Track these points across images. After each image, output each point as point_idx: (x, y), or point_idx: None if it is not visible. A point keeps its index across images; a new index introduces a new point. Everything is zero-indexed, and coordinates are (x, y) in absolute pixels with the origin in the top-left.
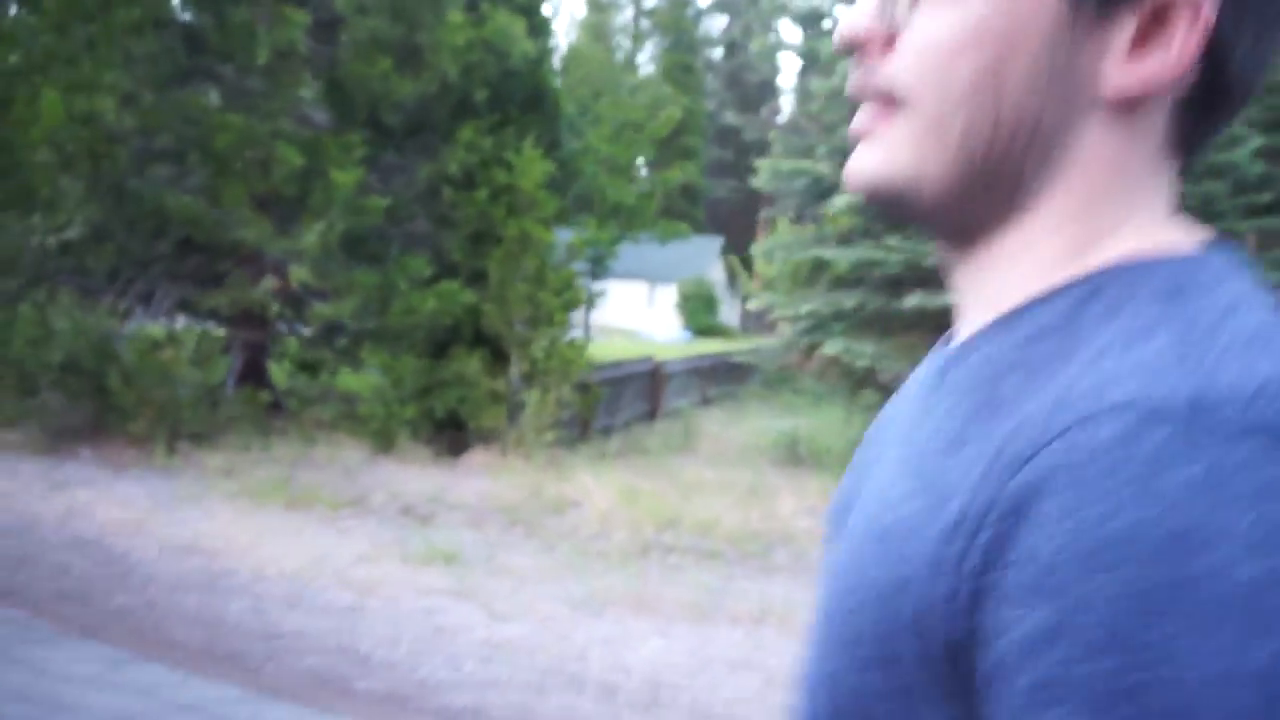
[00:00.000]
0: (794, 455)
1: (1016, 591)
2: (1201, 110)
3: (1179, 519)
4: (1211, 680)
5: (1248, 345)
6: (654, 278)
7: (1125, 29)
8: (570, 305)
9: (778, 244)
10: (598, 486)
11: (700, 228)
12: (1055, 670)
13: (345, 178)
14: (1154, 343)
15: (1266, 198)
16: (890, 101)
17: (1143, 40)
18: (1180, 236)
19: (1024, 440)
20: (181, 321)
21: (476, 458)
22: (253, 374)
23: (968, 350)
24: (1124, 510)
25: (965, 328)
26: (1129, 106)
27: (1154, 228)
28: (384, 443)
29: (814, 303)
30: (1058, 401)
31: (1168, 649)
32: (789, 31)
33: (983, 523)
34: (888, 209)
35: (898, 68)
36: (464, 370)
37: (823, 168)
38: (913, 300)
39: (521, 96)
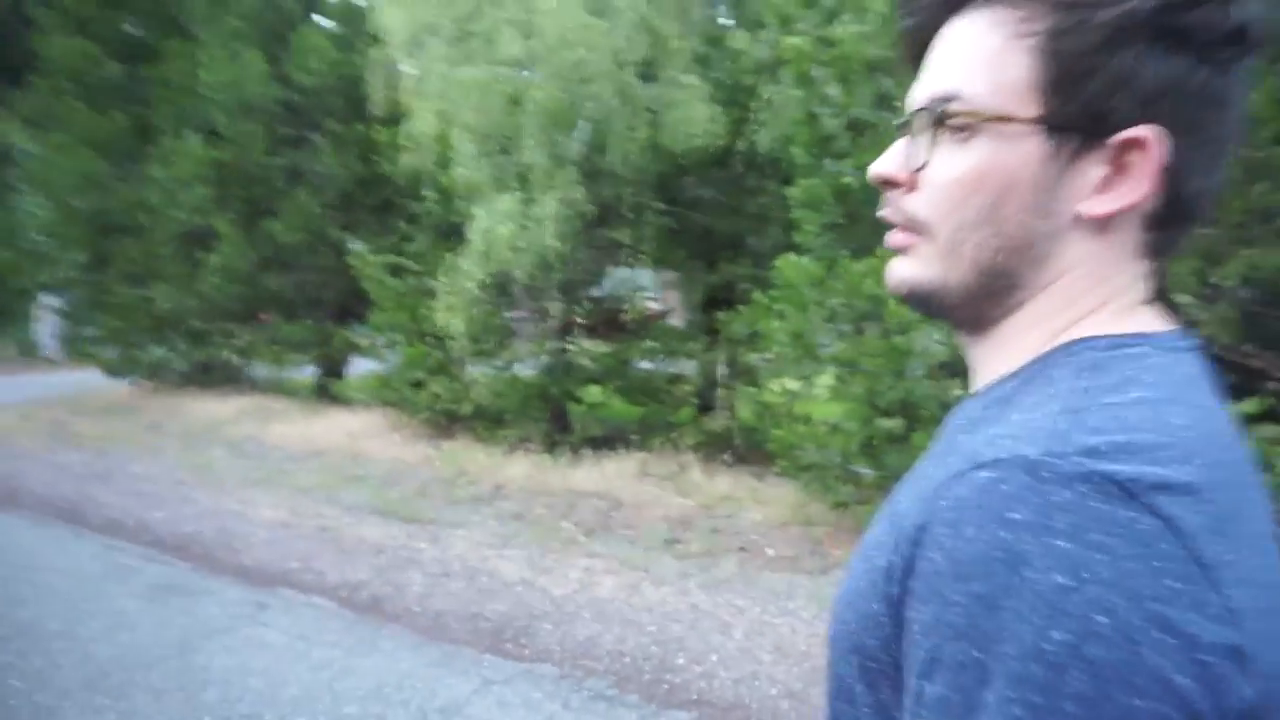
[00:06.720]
0: None
1: (916, 596)
2: (1165, 224)
3: (1012, 546)
4: (1025, 654)
5: (1113, 413)
6: None
7: (1097, 169)
8: None
9: None
10: None
11: None
12: (935, 648)
13: None
14: (1049, 407)
15: None
16: (915, 228)
17: (1111, 175)
18: (1144, 323)
19: (936, 483)
20: None
21: None
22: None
23: (960, 410)
24: (976, 539)
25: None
26: (1102, 225)
27: (1121, 317)
28: None
29: None
30: (966, 454)
31: (1000, 633)
32: None
33: (905, 545)
34: (919, 307)
35: (920, 203)
36: None
37: None
38: None
39: None
